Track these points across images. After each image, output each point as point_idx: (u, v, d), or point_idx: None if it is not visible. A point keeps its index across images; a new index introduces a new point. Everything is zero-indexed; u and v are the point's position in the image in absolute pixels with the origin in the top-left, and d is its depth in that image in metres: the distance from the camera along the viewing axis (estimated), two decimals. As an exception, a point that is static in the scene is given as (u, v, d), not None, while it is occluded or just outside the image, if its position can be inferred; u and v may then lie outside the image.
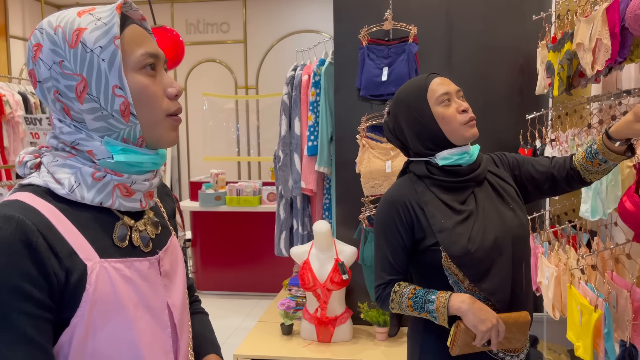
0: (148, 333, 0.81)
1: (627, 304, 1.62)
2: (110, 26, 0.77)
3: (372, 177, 2.73)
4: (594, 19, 1.74)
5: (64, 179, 0.77)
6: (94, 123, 0.78)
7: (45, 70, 0.78)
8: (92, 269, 0.75)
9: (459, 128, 1.39)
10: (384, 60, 2.77)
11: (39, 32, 0.79)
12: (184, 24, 5.97)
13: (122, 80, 0.77)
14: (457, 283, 1.38)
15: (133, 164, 0.81)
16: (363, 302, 2.99)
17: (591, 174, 1.43)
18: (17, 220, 0.70)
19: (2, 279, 0.68)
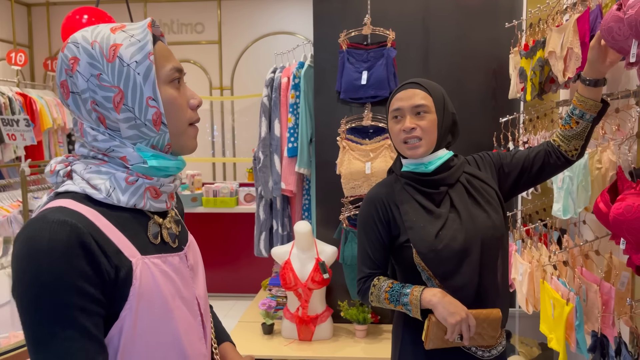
0: (184, 322, 0.88)
1: (597, 297, 1.72)
2: (144, 43, 0.84)
3: (353, 178, 2.80)
4: (565, 29, 1.84)
5: (100, 185, 0.83)
6: (127, 131, 0.85)
7: (83, 82, 0.83)
8: (136, 265, 0.82)
9: (399, 145, 1.49)
10: (363, 64, 2.84)
11: (74, 46, 0.84)
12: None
13: (155, 93, 0.84)
14: (429, 279, 1.45)
15: (162, 169, 0.88)
16: (343, 300, 3.05)
17: (571, 141, 1.50)
18: (70, 225, 0.75)
19: (64, 280, 0.73)
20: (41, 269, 0.72)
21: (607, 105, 1.50)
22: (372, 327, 3.04)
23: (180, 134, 0.89)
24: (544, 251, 2.27)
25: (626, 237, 1.32)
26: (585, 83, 1.45)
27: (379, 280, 1.51)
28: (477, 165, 1.59)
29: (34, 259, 0.73)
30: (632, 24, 1.19)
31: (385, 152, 2.82)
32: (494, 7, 2.92)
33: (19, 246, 0.75)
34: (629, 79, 1.88)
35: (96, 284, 0.76)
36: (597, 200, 1.49)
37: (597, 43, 1.41)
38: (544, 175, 1.57)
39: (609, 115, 1.84)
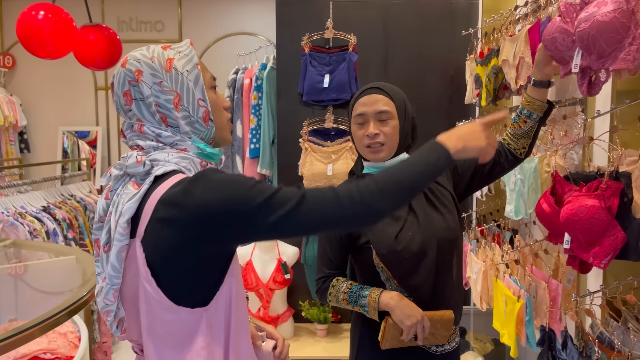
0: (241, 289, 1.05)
1: (545, 294, 1.82)
2: (192, 56, 1.05)
3: (315, 180, 2.84)
4: (517, 39, 1.94)
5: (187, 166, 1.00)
6: (185, 127, 1.03)
7: (147, 89, 1.01)
8: None
9: (362, 149, 1.52)
10: (325, 68, 2.88)
11: (135, 62, 1.03)
12: (116, 21, 5.80)
13: (204, 95, 1.05)
14: (388, 279, 1.48)
15: (211, 156, 1.06)
16: (304, 300, 3.09)
17: (519, 139, 1.58)
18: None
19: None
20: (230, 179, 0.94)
21: (553, 106, 1.59)
22: (333, 327, 3.09)
23: (222, 128, 1.10)
24: (497, 250, 2.37)
25: (577, 236, 1.41)
26: (532, 84, 1.55)
27: (337, 281, 1.54)
28: None
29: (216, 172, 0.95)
30: (584, 37, 1.27)
31: (347, 154, 2.87)
32: (452, 15, 3.03)
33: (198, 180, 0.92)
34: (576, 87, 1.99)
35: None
36: (540, 201, 1.57)
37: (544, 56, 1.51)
38: (495, 173, 1.63)
39: (557, 121, 1.94)
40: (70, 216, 3.13)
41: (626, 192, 1.32)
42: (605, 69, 1.31)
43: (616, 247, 1.31)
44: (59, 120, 5.76)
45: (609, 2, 1.24)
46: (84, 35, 3.22)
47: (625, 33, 1.22)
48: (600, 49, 1.27)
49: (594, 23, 1.25)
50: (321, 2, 3.01)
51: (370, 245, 1.48)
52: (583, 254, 1.38)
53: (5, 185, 3.11)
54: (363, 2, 3.04)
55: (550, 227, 1.58)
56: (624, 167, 1.38)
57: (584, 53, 1.35)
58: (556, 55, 1.44)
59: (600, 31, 1.24)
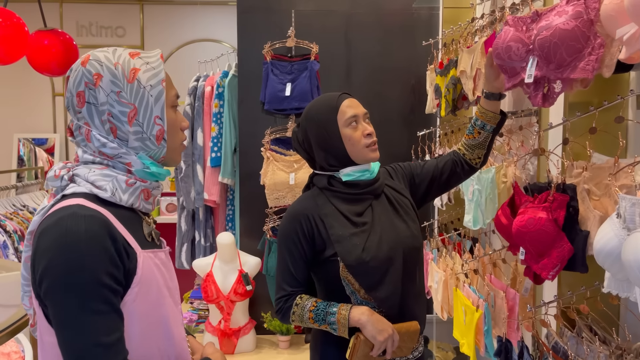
0: (170, 309, 1.02)
1: (503, 303, 1.83)
2: (159, 70, 1.01)
3: (277, 189, 2.80)
4: (474, 50, 1.96)
5: (104, 185, 0.96)
6: (134, 142, 0.99)
7: (103, 96, 0.97)
8: (139, 257, 0.95)
9: (362, 150, 1.48)
10: (287, 76, 2.86)
11: (97, 63, 0.98)
12: (75, 25, 5.65)
13: (163, 113, 1.01)
14: (354, 292, 1.46)
15: (156, 175, 1.03)
16: (266, 311, 3.04)
17: (474, 150, 1.59)
18: (99, 218, 0.90)
19: (99, 264, 0.87)
20: (81, 255, 0.86)
21: (506, 117, 1.62)
22: (295, 338, 3.05)
23: (174, 149, 1.06)
24: (458, 260, 2.38)
25: (527, 247, 1.42)
26: (484, 96, 1.57)
27: (301, 299, 1.48)
28: (391, 176, 1.63)
29: (74, 247, 0.86)
30: (545, 44, 1.28)
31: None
32: (413, 25, 3.05)
33: (55, 238, 0.87)
34: (532, 98, 2.02)
35: (120, 267, 0.90)
36: (498, 213, 1.58)
37: (490, 62, 1.53)
38: (452, 182, 1.65)
39: (514, 132, 1.97)
40: (22, 228, 3.01)
41: (572, 204, 1.34)
42: (564, 78, 1.32)
43: (563, 259, 1.33)
44: (14, 127, 5.56)
45: (569, 11, 1.26)
46: (37, 40, 3.11)
47: (585, 42, 1.24)
48: (560, 58, 1.28)
49: (556, 31, 1.26)
50: (283, 11, 3.00)
51: (337, 258, 1.45)
52: (534, 265, 1.39)
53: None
54: (325, 12, 3.03)
55: (508, 238, 1.59)
56: (572, 179, 1.40)
57: (541, 62, 1.35)
58: (507, 65, 1.45)
59: (562, 39, 1.25)
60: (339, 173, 1.51)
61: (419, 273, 1.56)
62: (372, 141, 1.48)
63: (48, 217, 0.91)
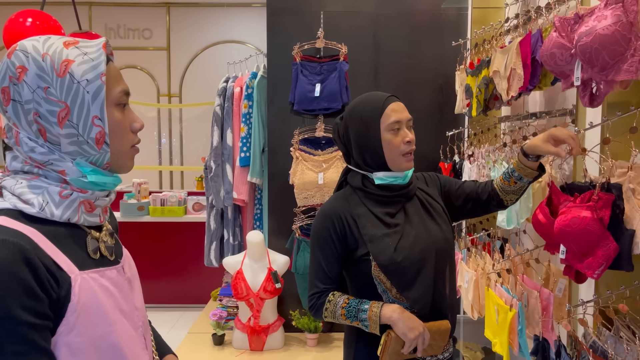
0: (125, 334, 0.89)
1: (537, 303, 1.83)
2: (97, 63, 0.85)
3: (306, 189, 2.83)
4: (508, 50, 1.96)
5: (32, 199, 0.82)
6: (68, 147, 0.85)
7: (28, 92, 0.82)
8: (75, 281, 0.81)
9: (398, 157, 1.48)
10: (316, 77, 2.89)
11: (22, 55, 0.83)
12: (104, 28, 5.77)
13: (102, 113, 0.85)
14: (385, 291, 1.47)
15: (99, 184, 0.88)
16: (295, 309, 3.07)
17: (508, 194, 1.59)
18: (12, 243, 0.76)
19: (12, 297, 0.73)
20: None
21: (544, 172, 1.58)
22: (323, 336, 3.08)
23: (120, 154, 0.91)
24: (488, 259, 2.38)
25: (570, 246, 1.42)
26: (527, 158, 1.52)
27: (334, 296, 1.49)
28: (426, 182, 1.65)
29: None
30: (587, 50, 1.29)
31: (338, 162, 2.88)
32: (441, 26, 3.06)
33: None
34: (565, 98, 2.02)
35: (42, 299, 0.76)
36: (536, 212, 1.59)
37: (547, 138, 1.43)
38: (477, 213, 1.68)
39: (548, 132, 1.97)
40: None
41: (617, 203, 1.34)
42: (609, 80, 1.33)
43: (609, 258, 1.33)
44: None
45: (608, 15, 1.27)
46: (72, 43, 3.19)
47: (626, 45, 1.24)
48: (602, 62, 1.29)
49: (596, 37, 1.27)
50: (312, 12, 3.03)
51: (369, 257, 1.46)
52: (577, 264, 1.40)
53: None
54: (353, 13, 3.06)
55: (546, 237, 1.60)
56: (615, 178, 1.40)
57: (585, 66, 1.36)
58: (556, 70, 1.47)
59: (603, 44, 1.26)
60: (372, 175, 1.52)
61: (450, 274, 1.57)
62: (410, 149, 1.49)
63: None
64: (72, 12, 3.39)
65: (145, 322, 1.00)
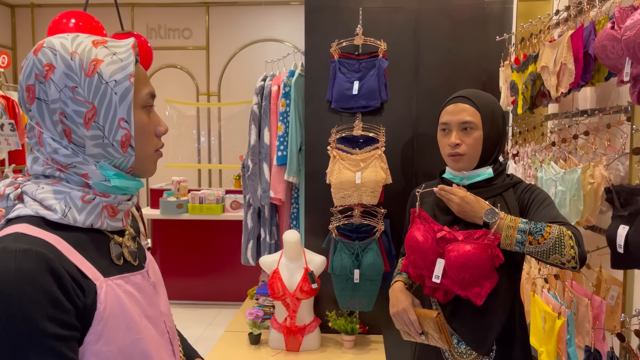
0: (153, 341, 0.86)
1: (588, 311, 1.73)
2: (127, 63, 0.83)
3: (343, 188, 2.79)
4: (558, 45, 1.86)
5: (54, 205, 0.80)
6: (92, 149, 0.82)
7: (55, 91, 0.80)
8: (100, 289, 0.79)
9: (445, 157, 1.56)
10: (354, 74, 2.83)
11: (50, 52, 0.80)
12: (145, 28, 5.88)
13: (129, 115, 0.83)
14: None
15: (122, 188, 0.86)
16: (331, 310, 3.03)
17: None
18: (36, 253, 0.73)
19: (38, 309, 0.71)
20: (11, 301, 0.70)
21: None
22: (360, 338, 3.03)
23: (145, 158, 0.88)
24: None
25: (464, 276, 1.43)
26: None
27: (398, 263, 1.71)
28: (522, 192, 1.52)
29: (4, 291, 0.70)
30: (630, 45, 1.21)
31: (376, 162, 2.82)
32: (484, 20, 2.95)
33: None
34: (619, 94, 1.91)
35: (68, 309, 0.74)
36: (414, 232, 1.53)
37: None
38: None
39: (600, 130, 1.86)
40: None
41: None
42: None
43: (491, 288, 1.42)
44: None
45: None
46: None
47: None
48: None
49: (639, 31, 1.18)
50: (350, 9, 2.97)
51: None
52: (460, 291, 1.43)
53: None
54: (393, 8, 2.99)
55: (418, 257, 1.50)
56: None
57: (633, 61, 1.28)
58: (608, 64, 1.39)
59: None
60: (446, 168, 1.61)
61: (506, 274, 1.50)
62: (452, 152, 1.51)
63: None
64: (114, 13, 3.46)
65: (172, 328, 0.98)
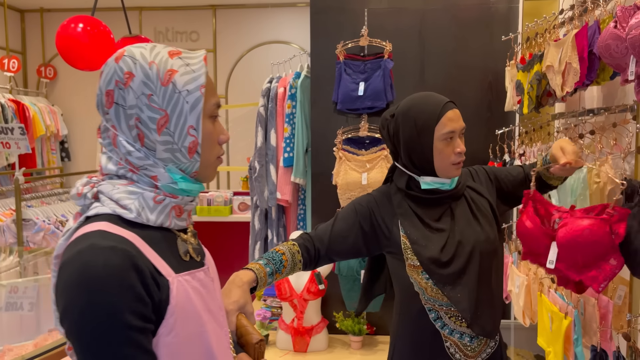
0: (214, 335, 0.92)
1: (595, 311, 1.73)
2: (199, 74, 0.88)
3: (349, 189, 2.80)
4: (563, 44, 1.86)
5: (130, 204, 0.86)
6: (162, 153, 0.88)
7: (133, 98, 0.86)
8: (172, 284, 0.85)
9: (447, 167, 1.46)
10: (360, 76, 2.84)
11: (131, 61, 0.87)
12: (153, 31, 5.92)
13: (198, 123, 0.88)
14: (422, 289, 1.46)
15: (187, 191, 0.92)
16: (338, 311, 3.04)
17: (550, 179, 1.56)
18: (122, 250, 0.79)
19: (123, 303, 0.77)
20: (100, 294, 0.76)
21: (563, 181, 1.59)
22: (368, 339, 3.03)
23: (208, 165, 0.94)
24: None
25: (576, 257, 1.37)
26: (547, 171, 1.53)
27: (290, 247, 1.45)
28: (472, 178, 1.60)
29: (92, 285, 0.76)
30: (636, 43, 1.21)
31: (382, 162, 2.82)
32: (490, 20, 2.95)
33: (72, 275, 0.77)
34: (625, 93, 1.90)
35: (147, 303, 0.80)
36: (523, 219, 1.52)
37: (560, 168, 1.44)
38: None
39: (607, 129, 1.85)
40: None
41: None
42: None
43: (614, 273, 1.30)
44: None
45: None
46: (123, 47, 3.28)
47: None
48: None
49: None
50: (356, 10, 2.98)
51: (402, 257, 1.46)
52: (575, 275, 1.35)
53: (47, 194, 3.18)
54: (398, 9, 2.99)
55: (531, 244, 1.50)
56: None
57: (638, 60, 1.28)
58: (612, 63, 1.38)
59: None
60: (419, 178, 1.49)
61: (495, 277, 1.52)
62: (460, 160, 1.45)
63: (69, 247, 0.81)
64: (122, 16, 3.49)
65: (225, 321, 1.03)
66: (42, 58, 5.90)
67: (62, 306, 0.78)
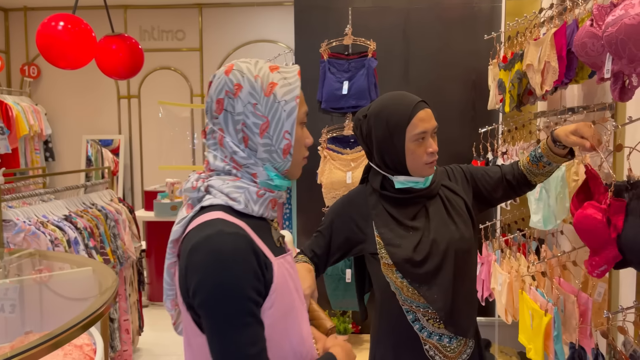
0: (299, 310, 1.06)
1: (574, 308, 1.74)
2: (294, 87, 1.02)
3: (334, 188, 2.80)
4: (542, 43, 1.87)
5: (238, 197, 1.00)
6: (262, 154, 1.02)
7: (240, 106, 1.00)
8: (274, 265, 0.99)
9: (420, 167, 1.45)
10: (344, 74, 2.84)
11: (239, 74, 1.01)
12: (138, 30, 5.87)
13: (292, 129, 1.02)
14: (398, 289, 1.45)
15: (280, 186, 1.06)
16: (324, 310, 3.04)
17: (536, 176, 1.53)
18: (243, 235, 0.95)
19: (246, 280, 0.92)
20: (230, 273, 0.91)
21: (574, 157, 1.50)
22: (353, 337, 3.03)
23: (296, 164, 1.08)
24: (523, 261, 2.29)
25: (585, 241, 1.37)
26: (556, 144, 1.45)
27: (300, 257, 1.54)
28: (449, 176, 1.60)
29: (225, 265, 0.91)
30: (612, 41, 1.21)
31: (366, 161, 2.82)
32: (473, 19, 2.96)
33: (206, 255, 0.92)
34: (605, 92, 1.92)
35: (261, 281, 0.95)
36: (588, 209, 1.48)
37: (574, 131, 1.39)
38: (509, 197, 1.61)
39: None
40: (92, 225, 3.15)
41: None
42: (637, 73, 1.24)
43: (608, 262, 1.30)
44: (83, 128, 5.85)
45: (636, 4, 1.18)
46: (106, 45, 3.25)
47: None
48: (630, 53, 1.21)
49: (622, 27, 1.19)
50: (340, 9, 2.98)
51: (378, 256, 1.46)
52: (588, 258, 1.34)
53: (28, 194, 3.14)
54: (383, 8, 2.99)
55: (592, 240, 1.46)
56: (659, 176, 1.30)
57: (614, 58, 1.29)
58: (588, 61, 1.39)
59: (629, 35, 1.18)
60: (393, 178, 1.49)
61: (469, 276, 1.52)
62: (432, 160, 1.45)
63: (195, 232, 0.96)
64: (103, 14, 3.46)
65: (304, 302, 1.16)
66: (26, 57, 5.84)
67: (196, 282, 0.92)
